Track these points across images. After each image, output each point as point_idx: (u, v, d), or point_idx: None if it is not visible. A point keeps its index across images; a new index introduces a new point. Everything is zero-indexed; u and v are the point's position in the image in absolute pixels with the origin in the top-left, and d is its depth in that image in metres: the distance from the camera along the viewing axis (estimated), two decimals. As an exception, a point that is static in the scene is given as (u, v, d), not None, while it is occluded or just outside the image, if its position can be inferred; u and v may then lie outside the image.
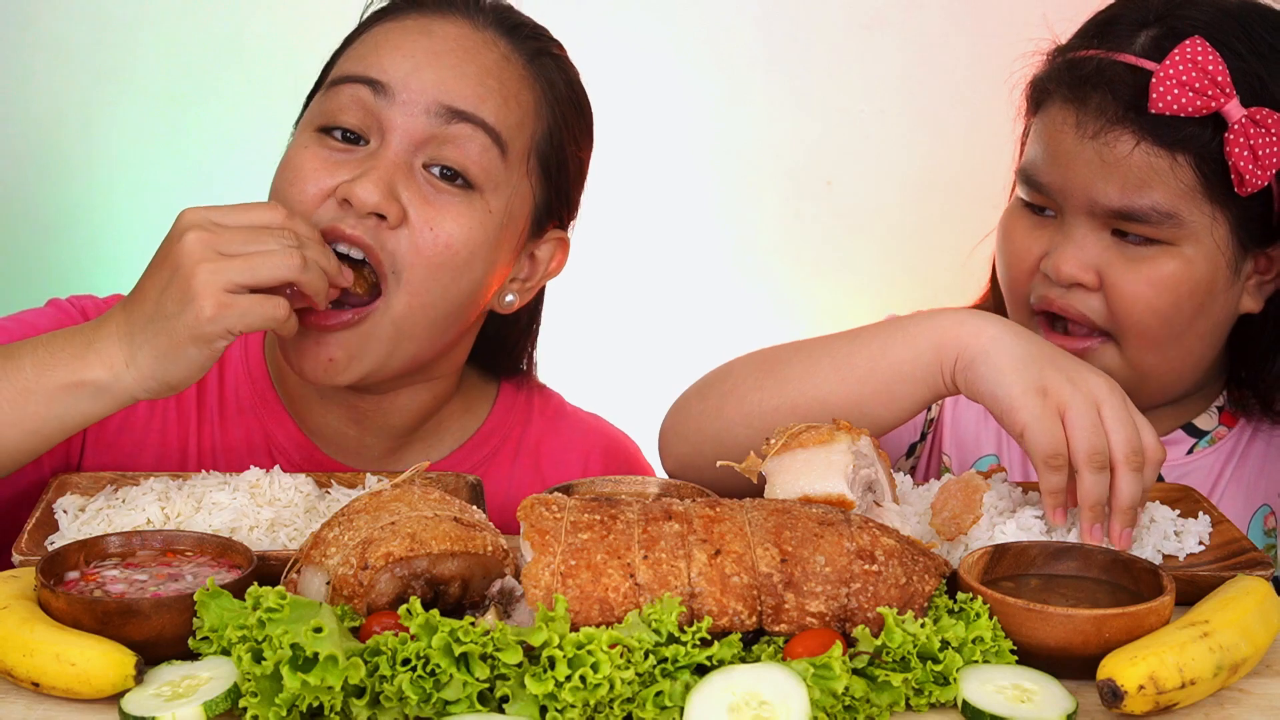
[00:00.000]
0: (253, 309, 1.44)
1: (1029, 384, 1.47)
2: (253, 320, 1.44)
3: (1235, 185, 1.66)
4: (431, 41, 1.64)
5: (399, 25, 1.67)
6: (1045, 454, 1.44)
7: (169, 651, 1.22)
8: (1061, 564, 1.37)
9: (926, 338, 1.56)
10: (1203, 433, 1.87)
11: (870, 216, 2.86)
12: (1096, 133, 1.68)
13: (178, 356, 1.44)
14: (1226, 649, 1.22)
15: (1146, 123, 1.66)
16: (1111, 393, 1.47)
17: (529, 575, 1.22)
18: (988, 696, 1.18)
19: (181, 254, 1.44)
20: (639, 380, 2.62)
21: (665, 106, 2.83)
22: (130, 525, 1.43)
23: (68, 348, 1.46)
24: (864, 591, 1.25)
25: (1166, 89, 1.65)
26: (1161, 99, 1.65)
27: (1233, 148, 1.65)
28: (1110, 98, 1.68)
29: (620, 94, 2.78)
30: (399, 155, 1.60)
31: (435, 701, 1.13)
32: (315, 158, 1.61)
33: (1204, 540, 1.51)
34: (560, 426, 1.89)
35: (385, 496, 1.31)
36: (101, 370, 1.45)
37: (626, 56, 2.79)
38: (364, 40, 1.68)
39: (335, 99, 1.63)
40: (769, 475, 1.41)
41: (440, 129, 1.60)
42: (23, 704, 1.19)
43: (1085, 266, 1.72)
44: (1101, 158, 1.68)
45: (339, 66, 1.68)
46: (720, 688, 1.15)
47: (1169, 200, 1.67)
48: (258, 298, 1.44)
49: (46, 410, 1.45)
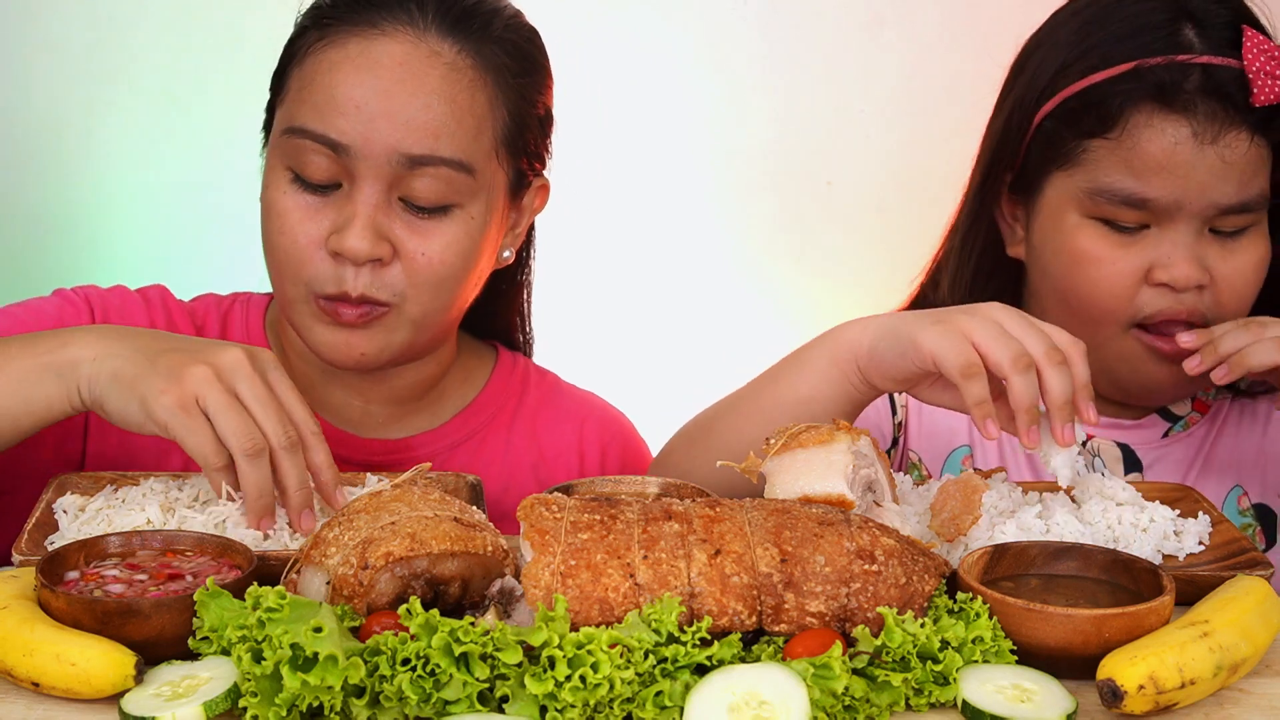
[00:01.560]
0: (197, 436, 1.40)
1: (926, 325, 1.50)
2: (189, 443, 1.40)
3: None
4: (378, 79, 1.65)
5: (342, 55, 1.67)
6: (959, 365, 1.47)
7: (169, 651, 1.22)
8: (1061, 564, 1.37)
9: (822, 358, 1.61)
10: (1177, 417, 1.91)
11: (870, 216, 2.86)
12: (1215, 137, 1.71)
13: (126, 395, 1.43)
14: (1226, 649, 1.22)
15: (1254, 118, 1.72)
16: (1008, 311, 1.51)
17: (529, 575, 1.22)
18: (988, 696, 1.18)
19: (211, 351, 1.45)
20: (639, 381, 2.62)
21: (665, 106, 2.83)
22: (130, 525, 1.43)
23: (52, 336, 1.50)
24: (864, 591, 1.25)
25: (1264, 81, 1.70)
26: (1263, 91, 1.70)
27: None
28: (1216, 101, 1.71)
29: (620, 94, 2.78)
30: (374, 197, 1.66)
31: (435, 701, 1.13)
32: (296, 207, 1.68)
33: (1204, 540, 1.52)
34: (556, 399, 1.95)
35: (385, 496, 1.31)
36: (76, 350, 1.46)
37: (626, 56, 2.79)
38: (314, 82, 1.68)
39: (299, 153, 1.67)
40: (769, 475, 1.41)
41: (405, 173, 1.66)
42: (23, 704, 1.19)
43: (1201, 268, 1.76)
44: (1223, 160, 1.72)
45: (294, 113, 1.68)
46: (720, 688, 1.15)
47: (1266, 184, 1.75)
48: (209, 436, 1.40)
49: (18, 385, 1.46)
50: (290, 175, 1.68)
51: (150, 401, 1.41)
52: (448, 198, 1.68)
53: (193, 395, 1.40)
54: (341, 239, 1.65)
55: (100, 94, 2.70)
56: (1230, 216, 1.75)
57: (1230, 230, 1.76)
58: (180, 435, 1.40)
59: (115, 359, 1.44)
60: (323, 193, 1.68)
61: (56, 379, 1.46)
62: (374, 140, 1.64)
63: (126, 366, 1.43)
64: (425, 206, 1.68)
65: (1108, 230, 1.78)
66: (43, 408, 1.47)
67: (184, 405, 1.40)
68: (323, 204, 1.68)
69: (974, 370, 1.46)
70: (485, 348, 1.96)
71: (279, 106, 1.73)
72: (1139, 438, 1.89)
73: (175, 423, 1.40)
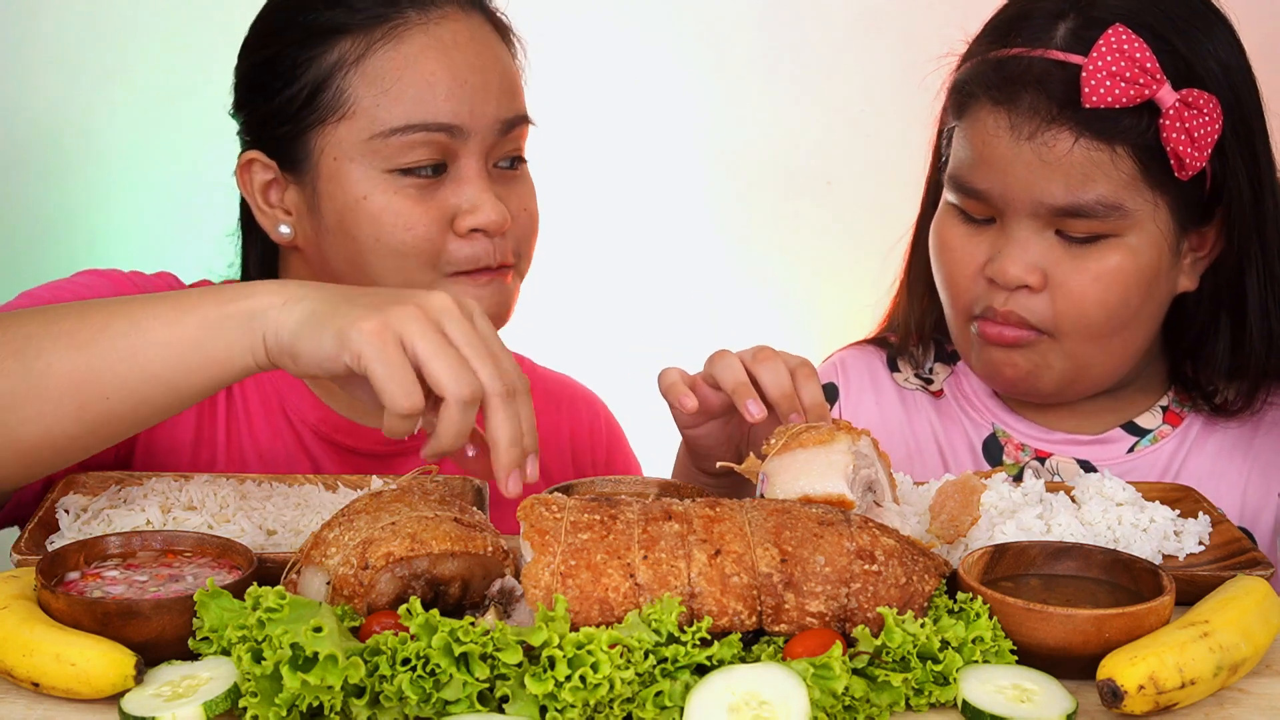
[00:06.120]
0: (393, 367, 1.26)
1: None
2: (379, 374, 1.26)
3: (1175, 170, 1.66)
4: (463, 56, 1.71)
5: (416, 47, 1.69)
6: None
7: (169, 652, 1.22)
8: (1061, 564, 1.37)
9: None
10: (1144, 431, 1.87)
11: (870, 216, 2.86)
12: (1033, 133, 1.66)
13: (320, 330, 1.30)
14: (1226, 649, 1.22)
15: (1082, 118, 1.65)
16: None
17: (529, 575, 1.22)
18: (988, 696, 1.18)
19: (414, 293, 1.31)
20: (639, 381, 2.62)
21: (665, 106, 2.83)
22: (130, 525, 1.43)
23: (234, 287, 1.38)
24: (864, 591, 1.25)
25: (1098, 82, 1.63)
26: (1094, 92, 1.63)
27: (1169, 133, 1.64)
28: (1042, 96, 1.66)
29: (620, 94, 2.79)
30: (483, 169, 1.72)
31: (435, 701, 1.13)
32: (414, 201, 1.69)
33: (1204, 540, 1.51)
34: (535, 382, 1.97)
35: (386, 497, 1.32)
36: (271, 296, 1.34)
37: (627, 56, 2.79)
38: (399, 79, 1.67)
39: (408, 146, 1.68)
40: (769, 475, 1.41)
41: (498, 139, 1.73)
42: (23, 704, 1.19)
43: (1031, 268, 1.70)
44: (1041, 158, 1.66)
45: (384, 115, 1.67)
46: (720, 688, 1.15)
47: (1113, 191, 1.66)
48: (406, 374, 1.27)
49: (197, 330, 1.34)
50: (394, 174, 1.68)
51: (347, 329, 1.26)
52: (521, 151, 1.78)
53: (396, 330, 1.27)
54: (477, 216, 1.69)
55: (100, 94, 2.71)
56: (1071, 220, 1.68)
57: (1080, 236, 1.69)
58: (372, 365, 1.25)
59: (308, 301, 1.32)
60: (431, 178, 1.69)
61: (242, 326, 1.33)
62: (479, 115, 1.70)
63: (322, 306, 1.31)
64: (512, 161, 1.76)
65: (961, 219, 1.77)
66: (223, 358, 1.34)
67: (382, 335, 1.26)
68: (435, 189, 1.70)
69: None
70: None
71: (335, 122, 1.68)
72: (1101, 454, 1.86)
73: (370, 350, 1.25)
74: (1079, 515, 1.51)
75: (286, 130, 1.72)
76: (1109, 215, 1.67)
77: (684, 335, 2.86)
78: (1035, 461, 1.87)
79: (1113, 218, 1.67)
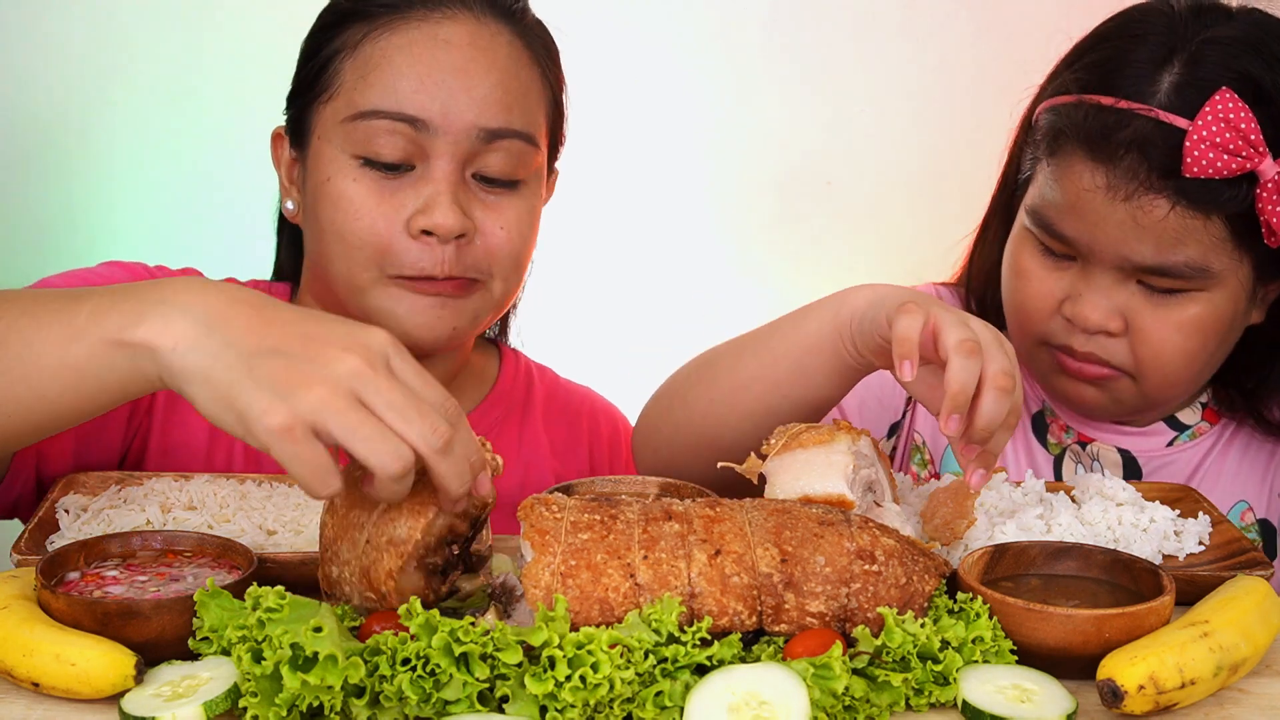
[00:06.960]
0: (305, 463, 1.17)
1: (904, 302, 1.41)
2: (294, 469, 1.18)
3: (1265, 238, 1.65)
4: (452, 56, 1.67)
5: (409, 38, 1.68)
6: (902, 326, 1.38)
7: (169, 652, 1.22)
8: (1061, 564, 1.37)
9: (826, 314, 1.54)
10: (1184, 426, 1.89)
11: (870, 216, 2.86)
12: (1129, 195, 1.64)
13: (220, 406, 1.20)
14: (1226, 649, 1.22)
15: (1180, 186, 1.62)
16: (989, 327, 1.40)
17: (529, 575, 1.22)
18: (988, 696, 1.18)
19: (331, 358, 1.20)
20: (639, 381, 2.62)
21: (665, 106, 2.83)
22: (130, 525, 1.43)
23: (129, 301, 1.27)
24: (864, 591, 1.25)
25: (1201, 153, 1.60)
26: (1196, 163, 1.60)
27: (1266, 204, 1.62)
28: (1143, 161, 1.63)
29: (621, 93, 2.79)
30: (452, 174, 1.67)
31: (435, 701, 1.13)
32: (371, 191, 1.67)
33: (1204, 540, 1.52)
34: (560, 395, 2.00)
35: (340, 509, 1.28)
36: (159, 337, 1.23)
37: (627, 55, 2.79)
38: (382, 65, 1.67)
39: (371, 137, 1.66)
40: (769, 475, 1.41)
41: (480, 147, 1.68)
42: (23, 704, 1.19)
43: (1112, 314, 1.71)
44: (1135, 220, 1.65)
45: (360, 98, 1.67)
46: (720, 688, 1.15)
47: (1201, 255, 1.66)
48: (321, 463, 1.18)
49: (87, 362, 1.27)
50: (359, 161, 1.67)
51: (252, 423, 1.18)
52: (517, 172, 1.71)
53: (305, 421, 1.17)
54: (429, 216, 1.64)
55: (100, 94, 2.70)
56: (1154, 276, 1.68)
57: (1162, 288, 1.69)
58: (289, 465, 1.18)
59: (198, 355, 1.21)
60: (395, 175, 1.67)
61: (129, 361, 1.25)
62: (453, 115, 1.65)
63: (217, 371, 1.20)
64: (499, 180, 1.69)
65: (1041, 250, 1.76)
66: (116, 387, 1.28)
67: (291, 432, 1.17)
68: (396, 186, 1.67)
69: (912, 324, 1.38)
70: (488, 344, 1.99)
71: (324, 102, 1.70)
72: (1142, 445, 1.88)
73: (283, 451, 1.17)
74: (1079, 515, 1.51)
75: (298, 105, 1.76)
76: (1195, 276, 1.67)
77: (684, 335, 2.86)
78: (1077, 445, 1.89)
79: (1199, 278, 1.68)
